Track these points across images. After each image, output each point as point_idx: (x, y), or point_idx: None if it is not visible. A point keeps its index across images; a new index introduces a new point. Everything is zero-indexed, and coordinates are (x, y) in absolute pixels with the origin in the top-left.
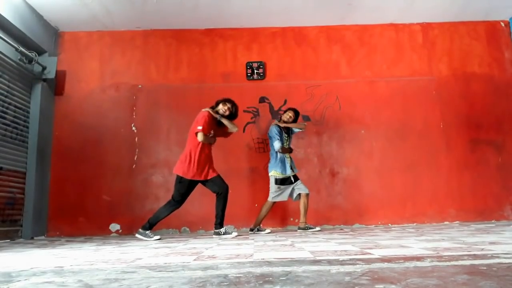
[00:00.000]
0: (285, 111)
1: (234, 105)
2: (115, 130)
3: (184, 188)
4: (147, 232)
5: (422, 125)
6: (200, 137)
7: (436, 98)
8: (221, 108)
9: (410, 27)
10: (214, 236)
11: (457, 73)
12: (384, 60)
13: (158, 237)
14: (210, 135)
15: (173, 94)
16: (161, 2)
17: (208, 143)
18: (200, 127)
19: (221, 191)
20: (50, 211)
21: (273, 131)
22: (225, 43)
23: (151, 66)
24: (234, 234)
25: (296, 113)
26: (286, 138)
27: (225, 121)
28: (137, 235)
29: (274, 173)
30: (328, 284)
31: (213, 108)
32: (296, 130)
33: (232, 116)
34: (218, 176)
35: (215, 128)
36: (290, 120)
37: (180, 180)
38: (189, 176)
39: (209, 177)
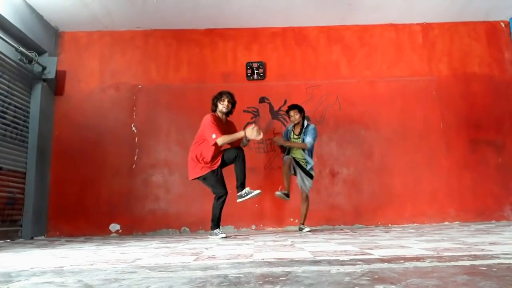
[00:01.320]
0: (288, 111)
1: (231, 98)
2: (115, 130)
3: (213, 179)
4: (215, 231)
5: (422, 125)
6: (220, 141)
7: (436, 98)
8: (221, 107)
9: (410, 27)
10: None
11: (457, 73)
12: (384, 60)
13: (223, 235)
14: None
15: (173, 94)
16: (161, 2)
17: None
18: (214, 135)
19: (238, 155)
20: (50, 211)
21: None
22: (225, 43)
23: (151, 66)
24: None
25: (300, 110)
26: (297, 137)
27: (245, 141)
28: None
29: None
30: (328, 284)
31: (215, 108)
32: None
33: (231, 109)
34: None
35: (225, 129)
36: (295, 121)
37: (203, 178)
38: (205, 172)
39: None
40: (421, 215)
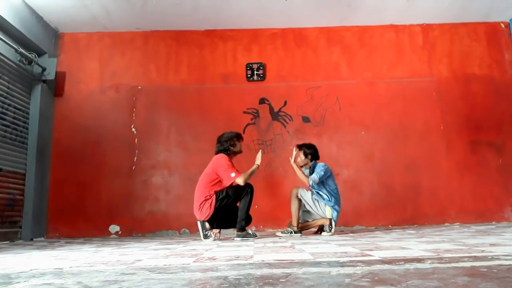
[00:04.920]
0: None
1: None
2: (115, 131)
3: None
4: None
5: (422, 126)
6: (241, 180)
7: (436, 99)
8: (240, 147)
9: (410, 28)
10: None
11: (457, 74)
12: (384, 62)
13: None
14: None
15: (173, 95)
16: (161, 3)
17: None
18: (233, 174)
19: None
20: (49, 213)
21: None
22: (225, 44)
23: (151, 67)
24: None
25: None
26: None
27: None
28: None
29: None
30: (328, 286)
31: (229, 149)
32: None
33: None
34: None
35: None
36: (301, 163)
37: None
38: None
39: None
40: (421, 216)
